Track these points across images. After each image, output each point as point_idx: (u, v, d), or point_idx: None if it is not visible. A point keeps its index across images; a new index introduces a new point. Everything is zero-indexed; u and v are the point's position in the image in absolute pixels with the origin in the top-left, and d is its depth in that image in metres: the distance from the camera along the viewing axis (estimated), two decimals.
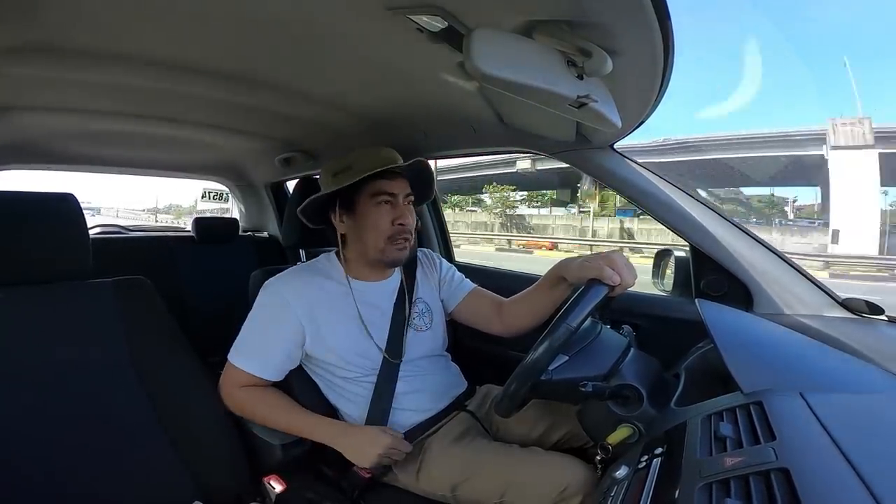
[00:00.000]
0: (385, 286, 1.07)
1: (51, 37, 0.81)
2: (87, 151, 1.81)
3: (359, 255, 1.03)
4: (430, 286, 1.14)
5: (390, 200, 0.99)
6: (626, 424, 0.69)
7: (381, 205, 0.98)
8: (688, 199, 0.99)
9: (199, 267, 2.09)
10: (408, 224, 0.99)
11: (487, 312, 1.11)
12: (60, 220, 0.90)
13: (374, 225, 0.98)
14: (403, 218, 0.99)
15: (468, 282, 1.18)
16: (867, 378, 0.65)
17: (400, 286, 1.08)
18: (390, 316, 1.04)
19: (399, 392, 0.99)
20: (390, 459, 0.89)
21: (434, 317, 1.10)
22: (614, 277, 0.73)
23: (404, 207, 1.00)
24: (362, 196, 0.99)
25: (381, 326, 1.02)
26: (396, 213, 0.99)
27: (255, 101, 1.17)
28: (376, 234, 0.98)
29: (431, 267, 1.17)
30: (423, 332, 1.07)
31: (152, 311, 0.99)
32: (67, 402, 0.85)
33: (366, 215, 0.99)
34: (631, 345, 0.77)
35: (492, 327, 1.10)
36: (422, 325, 1.07)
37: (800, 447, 0.44)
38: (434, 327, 1.10)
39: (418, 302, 1.09)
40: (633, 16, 0.56)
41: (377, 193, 0.98)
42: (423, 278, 1.14)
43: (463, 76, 0.85)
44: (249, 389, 0.95)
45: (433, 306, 1.12)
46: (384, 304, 1.05)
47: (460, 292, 1.15)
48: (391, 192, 0.98)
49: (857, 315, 0.88)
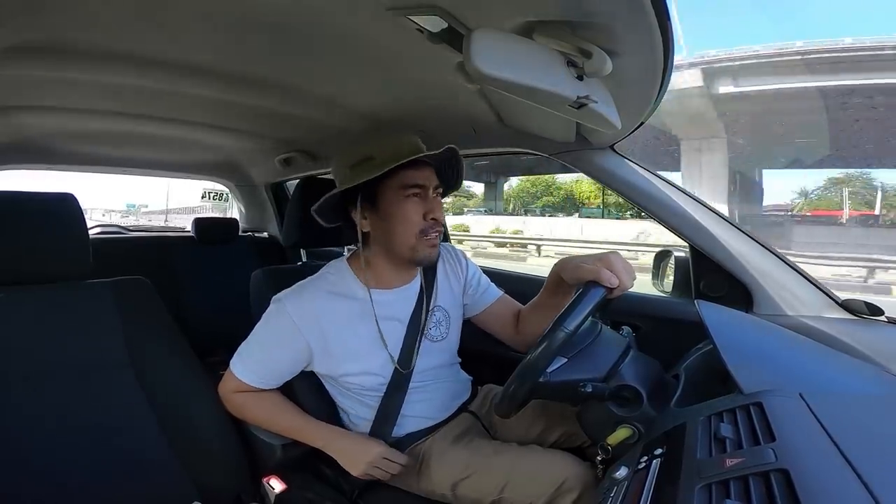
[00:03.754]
0: (405, 292, 1.00)
1: (51, 37, 0.81)
2: (88, 151, 1.81)
3: (384, 255, 0.95)
4: (451, 291, 1.06)
5: (419, 193, 0.90)
6: (625, 425, 0.69)
7: (410, 198, 0.89)
8: (688, 200, 0.99)
9: (198, 267, 2.09)
10: (439, 217, 0.91)
11: (508, 322, 1.07)
12: (60, 221, 0.89)
13: (403, 220, 0.89)
14: (435, 212, 0.90)
15: (495, 287, 1.11)
16: (867, 379, 0.65)
17: (420, 291, 1.02)
18: (406, 324, 0.98)
19: (406, 401, 0.97)
20: (382, 472, 0.88)
21: (451, 326, 1.04)
22: (612, 280, 0.71)
23: (434, 200, 0.92)
24: (387, 189, 0.89)
25: (398, 337, 0.97)
26: (427, 206, 0.90)
27: (255, 101, 1.17)
28: (406, 231, 0.89)
29: (456, 266, 1.09)
30: (438, 343, 1.02)
31: (152, 312, 0.99)
32: (66, 402, 0.85)
33: (393, 211, 0.89)
34: (630, 346, 0.77)
35: (509, 337, 1.07)
36: (437, 336, 1.02)
37: (799, 448, 0.44)
38: (449, 337, 1.04)
39: (436, 310, 1.03)
40: (633, 16, 0.56)
41: (405, 186, 0.89)
42: (445, 280, 1.06)
43: (463, 76, 0.85)
44: (247, 393, 0.95)
45: (452, 314, 1.05)
46: (403, 314, 0.98)
47: (487, 298, 1.09)
48: (420, 183, 0.89)
49: (856, 316, 0.88)
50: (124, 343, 0.92)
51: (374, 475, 0.89)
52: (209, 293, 2.02)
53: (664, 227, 1.01)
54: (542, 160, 1.23)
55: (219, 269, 2.11)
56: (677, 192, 1.00)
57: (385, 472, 0.89)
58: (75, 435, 0.84)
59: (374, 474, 0.89)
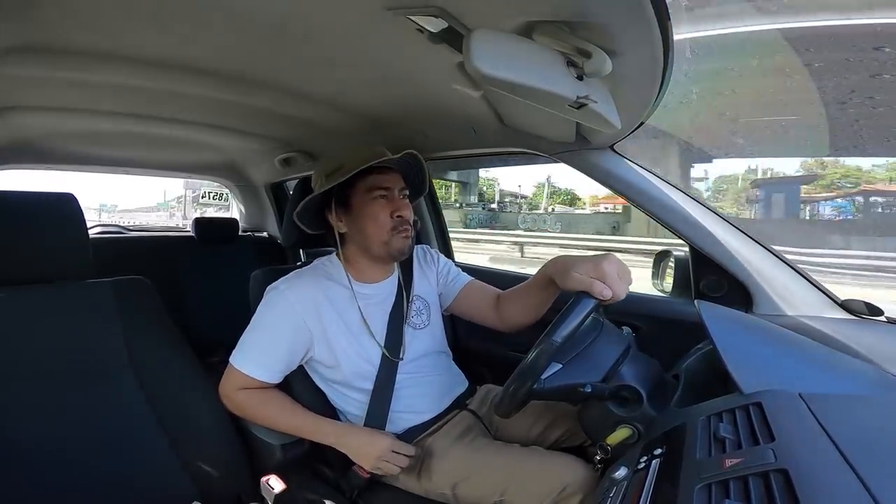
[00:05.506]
0: (385, 286, 1.07)
1: (51, 37, 0.81)
2: (87, 151, 1.81)
3: (360, 253, 1.03)
4: (427, 282, 1.14)
5: (385, 195, 0.98)
6: (625, 425, 0.69)
7: (377, 199, 0.98)
8: (688, 200, 0.99)
9: (198, 267, 2.10)
10: (406, 216, 0.99)
11: (484, 305, 1.10)
12: (60, 220, 0.89)
13: (372, 220, 0.97)
14: (401, 210, 0.99)
15: (464, 275, 1.18)
16: (866, 379, 0.65)
17: (398, 284, 1.08)
18: (388, 313, 1.04)
19: (399, 395, 0.99)
20: (392, 466, 0.89)
21: (432, 314, 1.10)
22: (604, 293, 0.70)
23: (400, 201, 1.00)
24: (357, 192, 0.99)
25: (381, 324, 1.02)
26: (393, 206, 0.98)
27: (255, 102, 1.17)
28: (377, 228, 0.98)
29: (429, 261, 1.17)
30: (421, 330, 1.07)
31: (152, 312, 0.99)
32: (66, 401, 0.85)
33: (363, 211, 0.98)
34: (630, 346, 0.77)
35: (488, 320, 1.09)
36: (419, 323, 1.07)
37: (799, 448, 0.44)
38: (432, 324, 1.10)
39: (415, 300, 1.09)
40: (632, 16, 0.55)
41: (372, 188, 0.98)
42: (421, 274, 1.13)
43: (463, 76, 0.85)
44: (250, 391, 0.95)
45: (431, 303, 1.11)
46: (385, 305, 1.05)
47: (457, 285, 1.15)
48: (385, 185, 0.98)
49: (856, 316, 0.88)
50: (124, 343, 0.92)
51: (384, 469, 0.90)
52: (209, 293, 2.03)
53: (665, 227, 1.01)
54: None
55: (218, 269, 2.11)
56: (677, 193, 1.00)
57: (394, 466, 0.89)
58: (75, 434, 0.84)
59: (384, 468, 0.89)
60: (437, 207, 1.71)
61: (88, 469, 0.84)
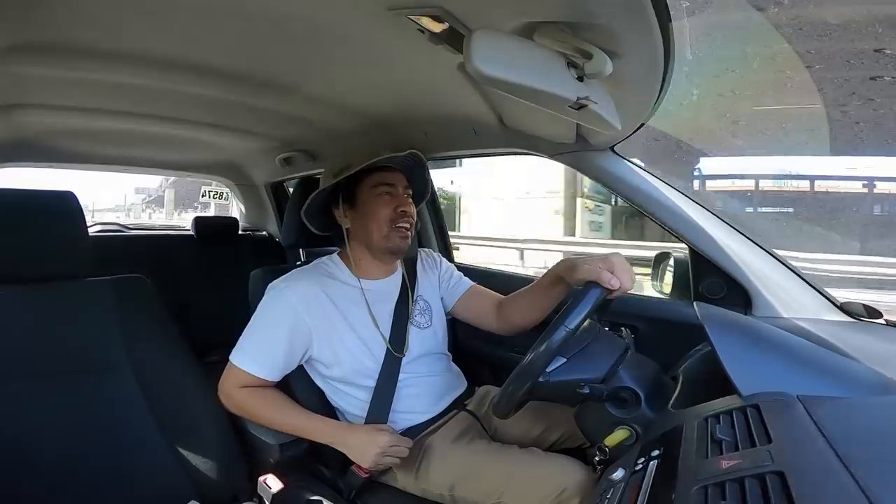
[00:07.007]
0: (390, 283, 1.09)
1: (52, 35, 0.81)
2: (88, 150, 1.81)
3: (364, 247, 1.05)
4: (430, 285, 1.15)
5: (390, 191, 1.02)
6: (623, 427, 0.69)
7: (382, 196, 1.02)
8: (687, 202, 0.99)
9: (198, 266, 2.10)
10: (408, 211, 1.03)
11: (485, 310, 1.12)
12: (60, 219, 0.90)
13: (376, 213, 1.01)
14: (404, 205, 1.02)
15: (466, 279, 1.20)
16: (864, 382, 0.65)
17: (402, 283, 1.10)
18: (394, 309, 1.06)
19: (400, 395, 0.99)
20: (392, 459, 0.89)
21: (434, 316, 1.12)
22: (613, 281, 0.74)
23: (403, 198, 1.04)
24: (363, 188, 1.03)
25: (387, 320, 1.04)
26: (396, 201, 1.02)
27: (256, 101, 1.17)
28: (379, 222, 1.01)
29: (432, 265, 1.19)
30: (424, 330, 1.08)
31: (151, 310, 0.99)
32: (65, 400, 0.85)
33: (368, 206, 1.02)
34: (629, 347, 0.77)
35: (490, 325, 1.11)
36: (422, 323, 1.09)
37: (796, 450, 0.44)
38: (434, 326, 1.11)
39: (419, 300, 1.11)
40: (633, 18, 0.56)
41: (377, 185, 1.02)
42: (424, 276, 1.15)
43: (463, 77, 0.85)
44: (250, 390, 0.95)
45: (433, 305, 1.13)
46: (389, 301, 1.07)
47: (459, 289, 1.16)
48: (390, 182, 1.03)
49: (854, 318, 0.88)
50: (123, 341, 0.92)
51: (385, 464, 0.90)
52: (208, 292, 2.02)
53: (664, 228, 1.01)
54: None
55: (218, 268, 2.11)
56: (677, 194, 1.00)
57: (395, 459, 0.90)
58: (73, 432, 0.84)
59: (385, 463, 0.90)
60: (437, 208, 1.71)
61: (86, 467, 0.84)
